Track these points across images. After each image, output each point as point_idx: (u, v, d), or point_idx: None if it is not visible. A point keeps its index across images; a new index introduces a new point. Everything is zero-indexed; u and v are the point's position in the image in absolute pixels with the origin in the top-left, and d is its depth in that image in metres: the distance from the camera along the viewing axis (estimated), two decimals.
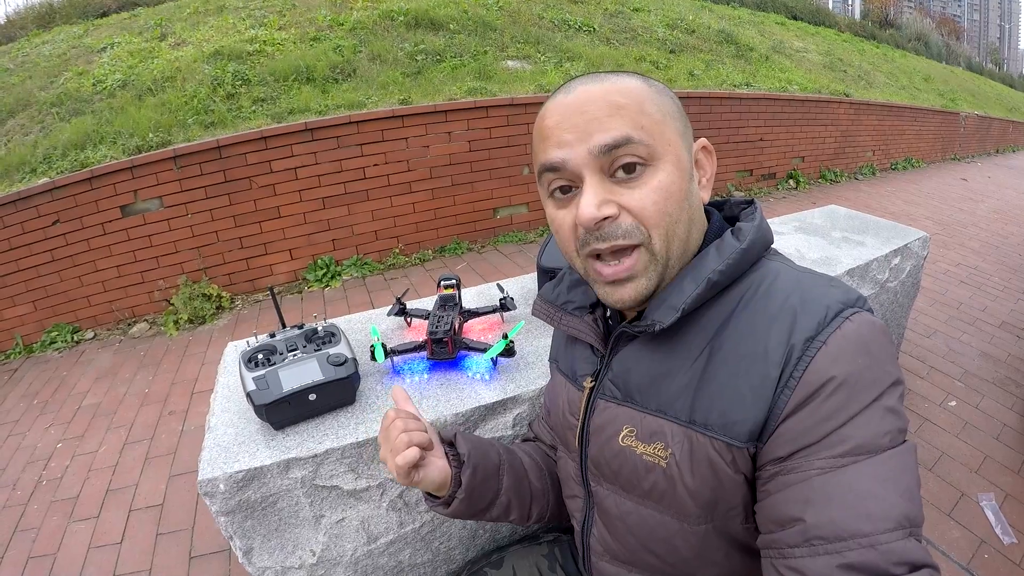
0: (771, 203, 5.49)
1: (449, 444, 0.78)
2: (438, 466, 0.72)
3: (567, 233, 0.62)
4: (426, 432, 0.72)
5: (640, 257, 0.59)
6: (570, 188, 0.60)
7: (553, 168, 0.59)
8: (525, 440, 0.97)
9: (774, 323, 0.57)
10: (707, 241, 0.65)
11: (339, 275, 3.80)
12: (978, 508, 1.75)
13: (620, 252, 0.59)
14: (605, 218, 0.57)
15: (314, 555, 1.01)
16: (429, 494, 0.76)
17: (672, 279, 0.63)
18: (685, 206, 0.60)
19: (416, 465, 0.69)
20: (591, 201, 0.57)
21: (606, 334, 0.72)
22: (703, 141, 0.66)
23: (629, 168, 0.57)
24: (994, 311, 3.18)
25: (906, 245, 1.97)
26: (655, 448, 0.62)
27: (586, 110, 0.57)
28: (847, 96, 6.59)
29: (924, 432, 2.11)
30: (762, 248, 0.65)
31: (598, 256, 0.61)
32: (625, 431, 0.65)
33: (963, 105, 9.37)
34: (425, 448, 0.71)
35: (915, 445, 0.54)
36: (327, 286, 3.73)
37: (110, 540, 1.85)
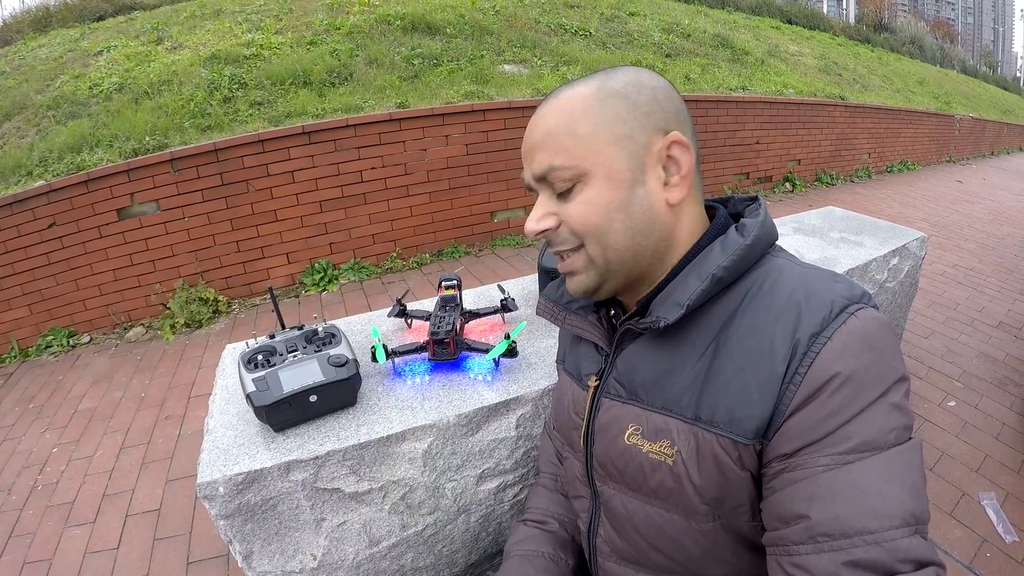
0: (768, 206, 5.49)
1: None
2: None
3: None
4: None
5: (580, 257, 0.65)
6: None
7: (527, 186, 0.68)
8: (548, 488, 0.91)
9: (779, 319, 0.57)
10: (712, 238, 0.65)
11: (336, 279, 3.78)
12: (979, 507, 1.76)
13: (568, 251, 0.66)
14: (544, 230, 0.65)
15: (315, 559, 1.00)
16: None
17: (665, 277, 0.64)
18: (619, 216, 0.61)
19: None
20: (532, 216, 0.65)
21: (611, 333, 0.72)
22: (671, 136, 0.60)
23: (564, 186, 0.62)
24: (991, 312, 3.20)
25: (904, 245, 1.98)
26: (661, 446, 0.62)
27: (530, 135, 0.65)
28: (842, 99, 6.62)
29: (924, 432, 2.11)
30: (766, 244, 0.65)
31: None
32: (630, 429, 0.65)
33: (958, 108, 9.43)
34: None
35: (921, 442, 0.54)
36: (324, 290, 3.71)
37: (106, 546, 1.83)
